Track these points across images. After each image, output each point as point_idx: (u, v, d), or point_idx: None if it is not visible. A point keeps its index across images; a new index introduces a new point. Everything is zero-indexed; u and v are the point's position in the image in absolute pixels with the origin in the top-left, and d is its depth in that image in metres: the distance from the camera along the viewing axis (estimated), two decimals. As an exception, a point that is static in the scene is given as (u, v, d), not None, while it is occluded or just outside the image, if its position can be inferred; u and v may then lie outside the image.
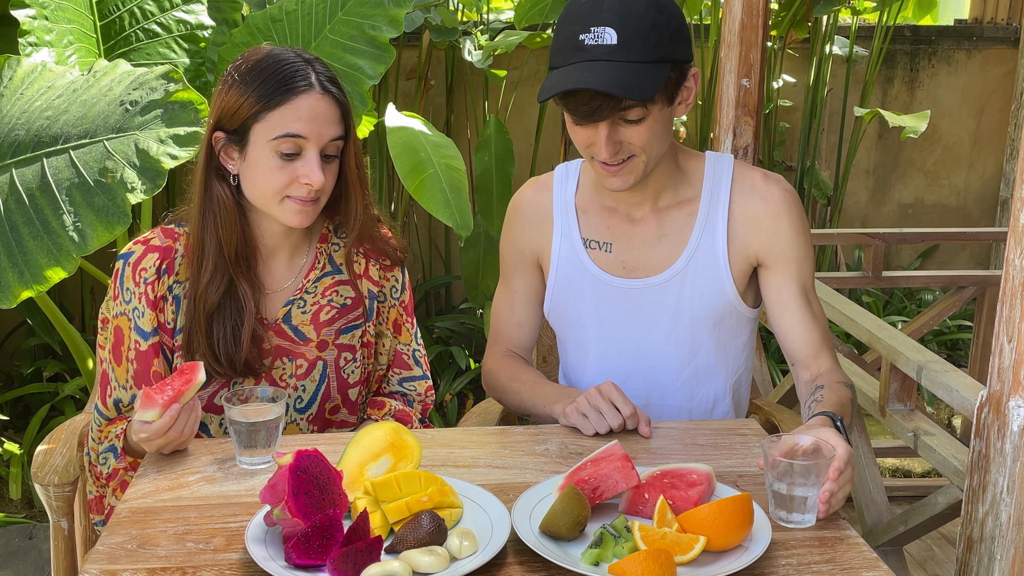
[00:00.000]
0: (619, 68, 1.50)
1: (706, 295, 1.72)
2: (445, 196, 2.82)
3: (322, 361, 1.73)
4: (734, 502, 1.26)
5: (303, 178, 1.59)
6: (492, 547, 1.25)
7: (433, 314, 4.57)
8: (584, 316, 1.78)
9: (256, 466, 1.50)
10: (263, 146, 1.59)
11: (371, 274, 1.78)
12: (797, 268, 1.72)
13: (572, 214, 1.78)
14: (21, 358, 3.89)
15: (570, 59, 1.54)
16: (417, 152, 2.90)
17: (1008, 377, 1.46)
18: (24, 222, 2.22)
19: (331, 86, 1.62)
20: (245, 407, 1.49)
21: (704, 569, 1.22)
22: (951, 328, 4.68)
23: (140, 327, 1.65)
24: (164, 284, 1.67)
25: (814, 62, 4.47)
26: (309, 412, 1.74)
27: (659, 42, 1.52)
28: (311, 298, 1.74)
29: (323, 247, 1.77)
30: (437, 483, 1.34)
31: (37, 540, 2.98)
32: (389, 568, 1.18)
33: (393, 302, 1.81)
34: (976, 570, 1.55)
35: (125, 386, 1.67)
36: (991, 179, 4.95)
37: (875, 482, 2.51)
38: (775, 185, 1.73)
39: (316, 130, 1.59)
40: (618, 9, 1.51)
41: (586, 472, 1.36)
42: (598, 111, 1.52)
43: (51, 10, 2.71)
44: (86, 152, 2.27)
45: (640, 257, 1.74)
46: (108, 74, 2.44)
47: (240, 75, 1.61)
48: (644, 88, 1.50)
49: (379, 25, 2.87)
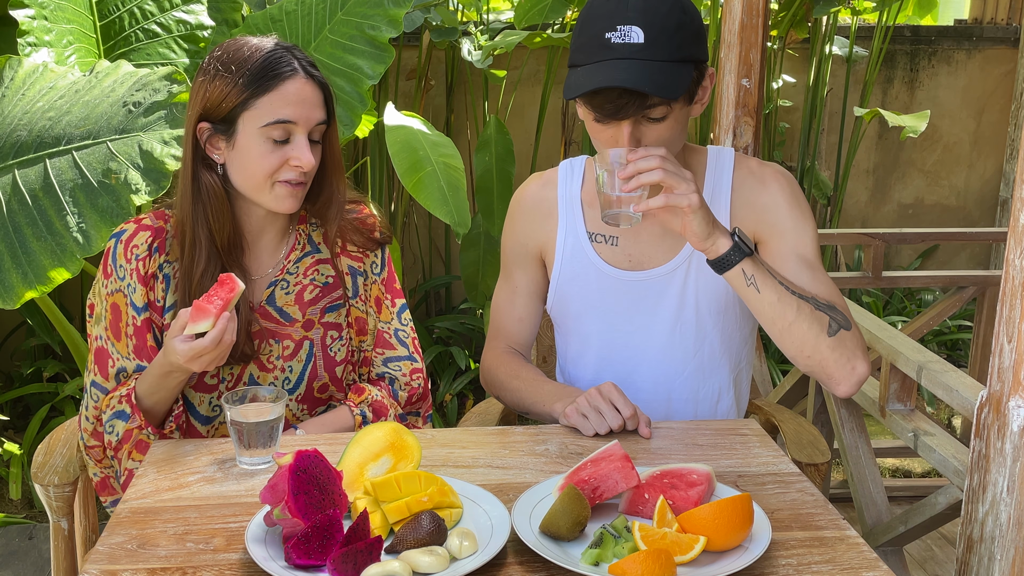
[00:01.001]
0: (647, 67, 1.51)
1: (711, 284, 1.73)
2: (443, 194, 2.82)
3: (308, 340, 1.75)
4: (734, 502, 1.26)
5: (293, 160, 1.62)
6: (492, 547, 1.25)
7: (433, 314, 4.57)
8: (588, 309, 1.79)
9: (256, 466, 1.50)
10: (253, 133, 1.61)
11: (349, 249, 1.80)
12: (795, 238, 1.70)
13: (577, 208, 1.79)
14: (21, 358, 3.89)
15: (596, 57, 1.55)
16: (415, 150, 2.91)
17: (1008, 377, 1.46)
18: (27, 223, 2.22)
19: (313, 70, 1.65)
20: (245, 407, 1.50)
21: (704, 569, 1.22)
22: (951, 328, 4.68)
23: (134, 301, 1.67)
24: (155, 262, 1.69)
25: (814, 62, 4.47)
26: (297, 392, 1.75)
27: (683, 42, 1.54)
28: (293, 278, 1.75)
29: (302, 228, 1.79)
30: (437, 483, 1.34)
31: (37, 540, 2.98)
32: (389, 568, 1.18)
33: (374, 278, 1.82)
34: (976, 570, 1.55)
35: (128, 357, 1.68)
36: (991, 179, 4.95)
37: (875, 482, 2.51)
38: (769, 168, 1.76)
39: (304, 114, 1.62)
40: (644, 8, 1.53)
41: (586, 472, 1.36)
42: (624, 109, 1.53)
43: (50, 10, 2.71)
44: (89, 153, 2.28)
45: (646, 250, 1.75)
46: (110, 75, 2.44)
47: (223, 64, 1.62)
48: (673, 87, 1.52)
49: (379, 25, 2.87)
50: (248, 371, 1.71)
